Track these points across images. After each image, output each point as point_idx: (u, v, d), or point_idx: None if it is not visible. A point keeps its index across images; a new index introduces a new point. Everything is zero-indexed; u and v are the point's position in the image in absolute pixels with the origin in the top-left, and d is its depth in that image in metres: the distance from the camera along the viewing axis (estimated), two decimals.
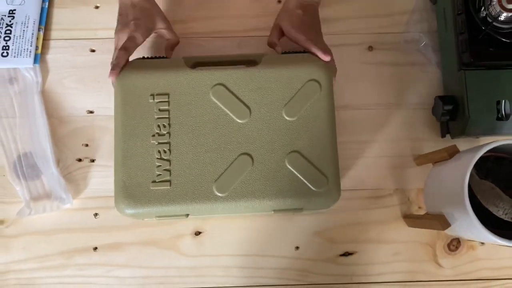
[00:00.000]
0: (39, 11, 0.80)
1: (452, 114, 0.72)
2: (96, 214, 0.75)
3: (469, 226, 0.57)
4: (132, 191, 0.65)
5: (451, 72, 0.74)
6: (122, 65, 0.68)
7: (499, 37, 0.70)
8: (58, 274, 0.73)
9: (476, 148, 0.59)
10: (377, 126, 0.78)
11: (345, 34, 0.81)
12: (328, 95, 0.67)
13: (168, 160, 0.66)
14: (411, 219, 0.73)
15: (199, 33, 0.81)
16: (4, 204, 0.75)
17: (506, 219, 0.58)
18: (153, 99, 0.67)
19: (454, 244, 0.74)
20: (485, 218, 0.57)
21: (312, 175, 0.65)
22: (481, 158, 0.58)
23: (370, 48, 0.80)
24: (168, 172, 0.66)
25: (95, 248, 0.74)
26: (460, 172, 0.57)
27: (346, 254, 0.74)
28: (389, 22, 0.81)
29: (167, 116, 0.67)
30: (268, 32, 0.77)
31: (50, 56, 0.80)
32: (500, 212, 0.58)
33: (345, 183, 0.76)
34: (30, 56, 0.77)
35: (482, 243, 0.74)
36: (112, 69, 0.67)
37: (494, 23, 0.69)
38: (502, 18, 0.69)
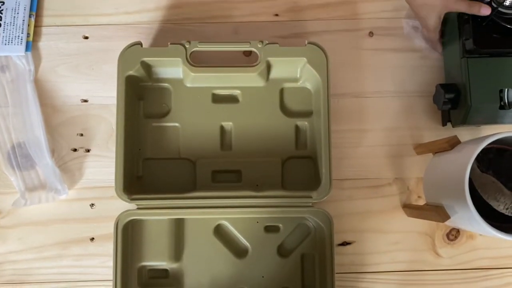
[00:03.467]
0: None
1: (453, 103, 0.71)
2: (92, 205, 0.74)
3: (470, 220, 0.56)
4: None
5: (453, 59, 0.72)
6: None
7: (504, 24, 0.68)
8: (55, 264, 0.73)
9: (478, 140, 0.57)
10: (377, 114, 0.76)
11: (344, 19, 0.79)
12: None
13: None
14: (411, 209, 0.72)
15: (192, 18, 0.78)
16: None
17: (507, 213, 0.57)
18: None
19: (453, 234, 0.74)
20: (486, 211, 0.56)
21: None
22: (483, 150, 0.56)
23: (371, 33, 0.78)
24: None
25: (92, 239, 0.73)
26: (461, 164, 0.56)
27: (345, 243, 0.74)
28: (391, 7, 0.79)
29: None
30: (265, 17, 0.76)
31: (42, 44, 0.78)
32: (501, 206, 0.57)
33: (343, 172, 0.75)
34: (21, 43, 0.75)
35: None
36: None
37: (500, 9, 0.67)
38: (507, 3, 0.67)
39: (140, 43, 0.70)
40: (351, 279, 0.73)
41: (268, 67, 0.71)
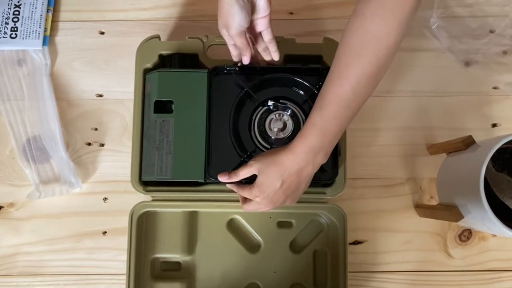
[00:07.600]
0: None
1: None
2: (105, 199, 0.75)
3: (483, 219, 0.56)
4: None
5: None
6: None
7: None
8: (67, 257, 0.73)
9: (493, 140, 0.57)
10: (390, 114, 0.77)
11: None
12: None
13: None
14: (423, 209, 0.72)
15: (207, 15, 0.79)
16: (14, 187, 0.75)
17: None
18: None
19: (465, 235, 0.73)
20: (500, 211, 0.56)
21: None
22: (498, 150, 0.56)
23: None
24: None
25: (104, 232, 0.74)
26: (476, 164, 0.56)
27: (356, 242, 0.74)
28: None
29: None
30: (280, 15, 0.76)
31: (59, 38, 0.79)
32: None
33: (356, 171, 0.75)
34: (38, 38, 0.76)
35: (494, 235, 0.73)
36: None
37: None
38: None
39: (158, 36, 0.71)
40: (362, 278, 0.73)
41: None
